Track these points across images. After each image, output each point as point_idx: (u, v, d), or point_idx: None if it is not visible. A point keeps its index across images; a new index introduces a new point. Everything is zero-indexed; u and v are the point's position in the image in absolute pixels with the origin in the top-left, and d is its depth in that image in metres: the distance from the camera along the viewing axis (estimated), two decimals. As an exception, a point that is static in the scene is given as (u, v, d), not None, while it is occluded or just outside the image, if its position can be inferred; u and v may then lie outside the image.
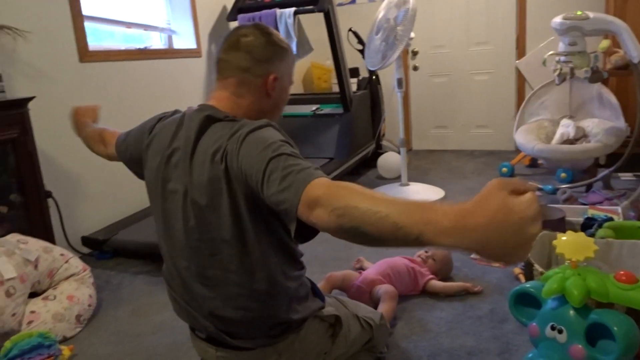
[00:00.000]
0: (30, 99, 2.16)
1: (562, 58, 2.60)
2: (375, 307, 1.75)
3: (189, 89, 3.49)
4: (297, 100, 4.07)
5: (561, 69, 2.59)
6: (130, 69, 3.01)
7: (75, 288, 1.98)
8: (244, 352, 1.24)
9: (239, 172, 1.05)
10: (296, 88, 4.78)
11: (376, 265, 2.05)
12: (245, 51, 1.20)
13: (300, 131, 3.88)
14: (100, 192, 2.80)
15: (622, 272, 1.22)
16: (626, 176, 3.37)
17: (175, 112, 1.33)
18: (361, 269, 2.18)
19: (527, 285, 1.36)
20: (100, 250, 2.60)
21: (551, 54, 2.72)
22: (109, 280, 2.35)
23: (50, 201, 2.36)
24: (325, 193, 0.86)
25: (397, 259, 2.08)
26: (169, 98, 3.29)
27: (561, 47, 2.64)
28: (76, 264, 2.05)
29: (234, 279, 1.16)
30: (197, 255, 1.17)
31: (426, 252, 2.14)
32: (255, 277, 1.15)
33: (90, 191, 2.75)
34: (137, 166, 1.36)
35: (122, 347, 1.79)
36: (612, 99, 3.03)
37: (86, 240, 2.60)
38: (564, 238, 1.32)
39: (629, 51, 2.49)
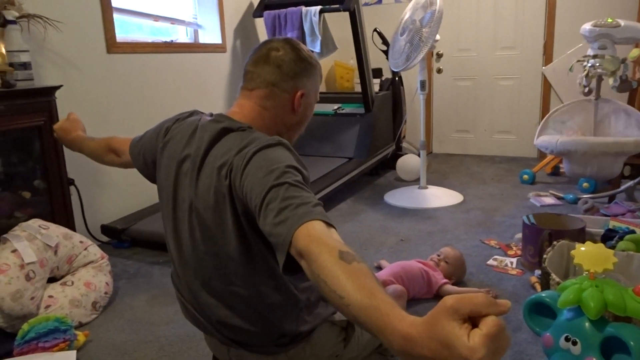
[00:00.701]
0: (58, 87, 2.21)
1: (591, 61, 2.55)
2: None
3: (213, 83, 3.52)
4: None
5: (588, 73, 2.54)
6: (156, 61, 3.05)
7: (93, 275, 2.01)
8: (255, 353, 1.24)
9: (240, 190, 1.02)
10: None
11: (390, 267, 2.04)
12: (275, 65, 1.19)
13: (321, 130, 3.89)
14: (121, 182, 2.84)
15: (641, 286, 1.19)
16: (651, 189, 3.30)
17: (194, 112, 1.31)
18: (379, 268, 2.19)
19: (543, 294, 1.34)
20: (119, 239, 2.64)
21: (579, 60, 2.67)
22: (126, 269, 2.39)
23: (72, 189, 2.41)
24: (306, 248, 0.82)
25: (412, 262, 2.07)
26: (193, 92, 3.33)
27: (590, 51, 2.59)
28: (95, 251, 2.09)
29: (239, 292, 1.14)
30: (203, 267, 1.16)
31: (438, 255, 2.12)
32: (260, 291, 1.14)
33: (111, 181, 2.79)
34: (150, 169, 1.35)
35: (136, 335, 1.81)
36: (639, 115, 2.97)
37: (105, 229, 2.64)
38: (582, 248, 1.30)
39: (660, 61, 2.44)
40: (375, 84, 4.16)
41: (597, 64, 2.49)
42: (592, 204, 2.84)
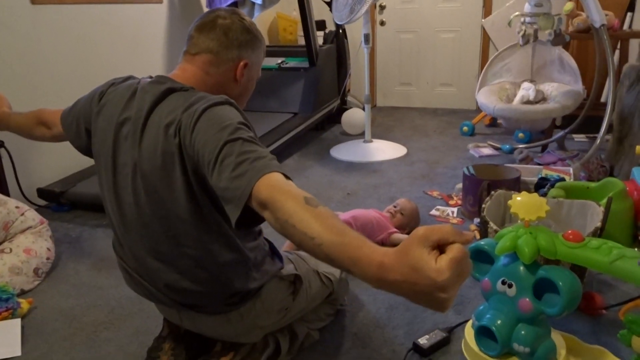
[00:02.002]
0: (-22, 43, 2.04)
1: (528, 19, 2.63)
2: None
3: (149, 37, 3.35)
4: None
5: (525, 31, 2.62)
6: (87, 13, 2.86)
7: (32, 241, 1.94)
8: (205, 314, 1.26)
9: (191, 148, 1.02)
10: (261, 39, 4.66)
11: (342, 215, 2.09)
12: (222, 32, 1.19)
13: (265, 85, 3.82)
14: (56, 143, 2.70)
15: (569, 232, 1.29)
16: (579, 137, 3.50)
17: (129, 77, 1.27)
18: None
19: (482, 242, 1.42)
20: (58, 202, 2.54)
21: (517, 15, 2.74)
22: (68, 233, 2.31)
23: (2, 152, 2.27)
24: (270, 198, 0.84)
25: (369, 211, 2.13)
26: (128, 47, 3.16)
27: (527, 8, 2.66)
28: (33, 216, 2.00)
29: (189, 253, 1.15)
30: (150, 232, 1.15)
31: (395, 206, 2.18)
32: (211, 251, 1.14)
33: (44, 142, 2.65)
34: (83, 139, 1.29)
35: (84, 299, 1.78)
36: (572, 63, 3.10)
37: (42, 192, 2.53)
38: (518, 198, 1.37)
39: (591, 15, 2.54)
40: (319, 36, 4.10)
41: (533, 22, 2.57)
42: (526, 153, 2.99)
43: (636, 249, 1.92)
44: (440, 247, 0.67)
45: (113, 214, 1.22)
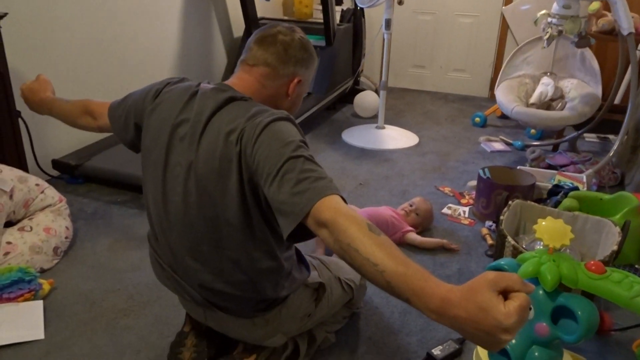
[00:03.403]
0: (3, 15, 1.99)
1: (554, 20, 2.59)
2: None
3: (167, 10, 3.27)
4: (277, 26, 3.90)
5: (550, 32, 2.58)
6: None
7: (52, 220, 1.95)
8: (232, 316, 1.29)
9: (251, 158, 1.05)
10: (275, 12, 4.57)
11: (361, 212, 2.11)
12: (282, 48, 1.21)
13: (280, 61, 3.77)
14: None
15: (592, 262, 1.31)
16: (590, 137, 3.51)
17: (183, 79, 1.29)
18: None
19: (502, 262, 1.44)
20: (72, 174, 2.54)
21: (543, 14, 2.69)
22: (83, 209, 2.33)
23: (19, 122, 2.25)
24: (333, 220, 0.89)
25: (382, 208, 2.15)
26: (147, 17, 3.09)
27: (555, 8, 2.61)
28: (52, 194, 2.01)
29: (230, 256, 1.18)
30: (193, 231, 1.18)
31: (410, 205, 2.20)
32: (252, 257, 1.18)
33: (60, 112, 2.63)
34: (130, 133, 1.32)
35: (103, 283, 1.81)
36: (594, 63, 3.07)
37: (57, 164, 2.52)
38: (543, 223, 1.39)
39: (620, 21, 2.50)
40: (337, 12, 4.02)
41: (559, 24, 2.53)
42: (539, 153, 2.99)
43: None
44: (504, 293, 0.74)
45: (155, 209, 1.24)
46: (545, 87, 3.16)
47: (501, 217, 1.82)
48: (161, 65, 3.29)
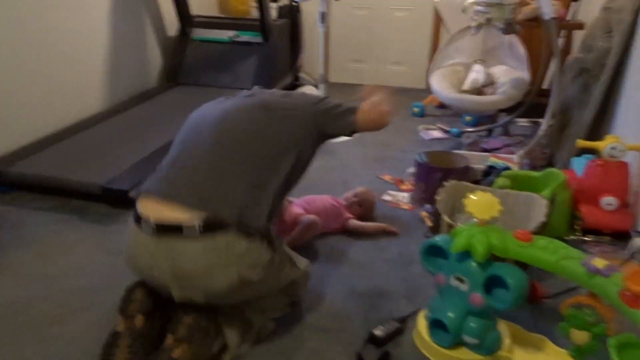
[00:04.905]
0: None
1: (481, 8, 2.67)
2: None
3: None
4: (213, 24, 3.84)
5: (479, 21, 2.66)
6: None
7: (-29, 228, 1.83)
8: (188, 240, 1.30)
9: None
10: (210, 9, 4.49)
11: (300, 200, 2.09)
12: None
13: (218, 59, 3.71)
14: (-8, 118, 2.53)
15: (519, 231, 1.36)
16: (522, 122, 3.65)
17: None
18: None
19: (437, 239, 1.47)
20: (-5, 182, 2.39)
21: (471, 2, 2.77)
22: (7, 218, 2.19)
23: None
24: None
25: (323, 196, 2.14)
26: None
27: (481, -5, 2.70)
28: (-30, 202, 1.88)
29: (247, 169, 1.42)
30: (234, 146, 1.46)
31: (355, 196, 2.19)
32: (267, 178, 1.44)
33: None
34: None
35: (31, 291, 1.71)
36: (521, 49, 3.20)
37: (-23, 172, 2.37)
38: (473, 197, 1.43)
39: (542, 7, 2.61)
40: (272, 9, 4.00)
41: (487, 12, 2.62)
42: (474, 138, 3.09)
43: (573, 237, 2.06)
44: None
45: (195, 122, 1.56)
46: (476, 74, 3.26)
47: (437, 197, 1.85)
48: (92, 62, 3.16)
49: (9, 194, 2.39)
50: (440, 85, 3.11)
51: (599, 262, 1.21)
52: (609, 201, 2.03)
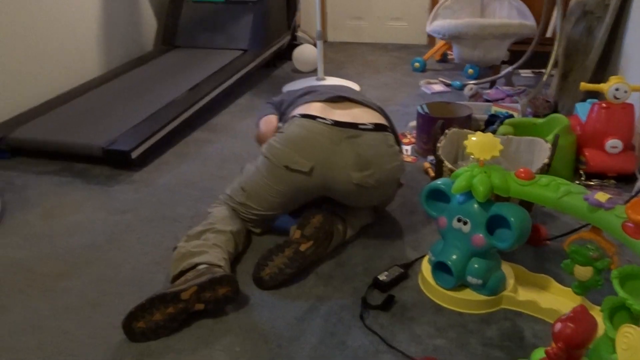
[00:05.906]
0: None
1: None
2: None
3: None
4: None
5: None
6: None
7: (-25, 192, 1.84)
8: (366, 132, 1.64)
9: None
10: (205, -31, 4.38)
11: None
12: None
13: (212, 19, 3.64)
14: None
15: (521, 170, 1.35)
16: (526, 73, 3.59)
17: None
18: None
19: (439, 182, 1.46)
20: (-4, 149, 2.39)
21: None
22: (12, 182, 2.20)
23: None
24: None
25: None
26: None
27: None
28: (-28, 166, 1.89)
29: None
30: None
31: None
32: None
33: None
34: None
35: (37, 250, 1.73)
36: (521, 4, 3.14)
37: (-22, 139, 2.37)
38: (473, 138, 1.41)
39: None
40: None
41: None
42: (476, 90, 3.04)
43: (577, 182, 2.05)
44: None
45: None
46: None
47: (438, 145, 1.83)
48: (88, 27, 3.11)
49: (12, 160, 2.40)
50: (445, 21, 3.08)
51: (601, 196, 1.20)
52: (613, 144, 2.01)
